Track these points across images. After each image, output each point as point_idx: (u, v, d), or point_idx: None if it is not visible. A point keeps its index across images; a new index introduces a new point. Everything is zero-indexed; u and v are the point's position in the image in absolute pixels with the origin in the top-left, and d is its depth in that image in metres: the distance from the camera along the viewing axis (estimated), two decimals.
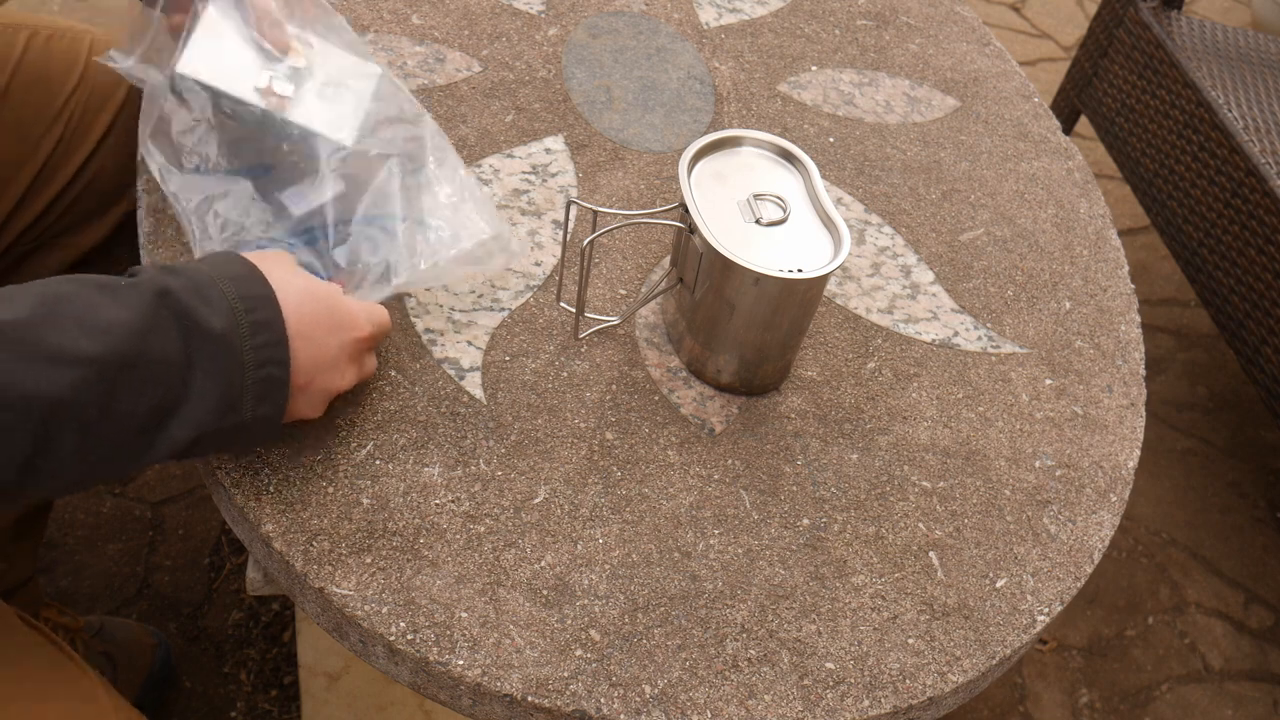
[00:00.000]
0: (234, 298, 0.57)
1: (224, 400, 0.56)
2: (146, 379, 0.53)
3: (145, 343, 0.53)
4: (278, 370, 0.58)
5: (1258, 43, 1.72)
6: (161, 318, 0.54)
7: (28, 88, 0.84)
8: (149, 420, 0.54)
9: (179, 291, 0.56)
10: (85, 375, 0.51)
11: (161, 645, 1.19)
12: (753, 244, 0.68)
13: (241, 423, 0.58)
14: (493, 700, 0.59)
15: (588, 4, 1.02)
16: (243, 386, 0.57)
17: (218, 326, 0.56)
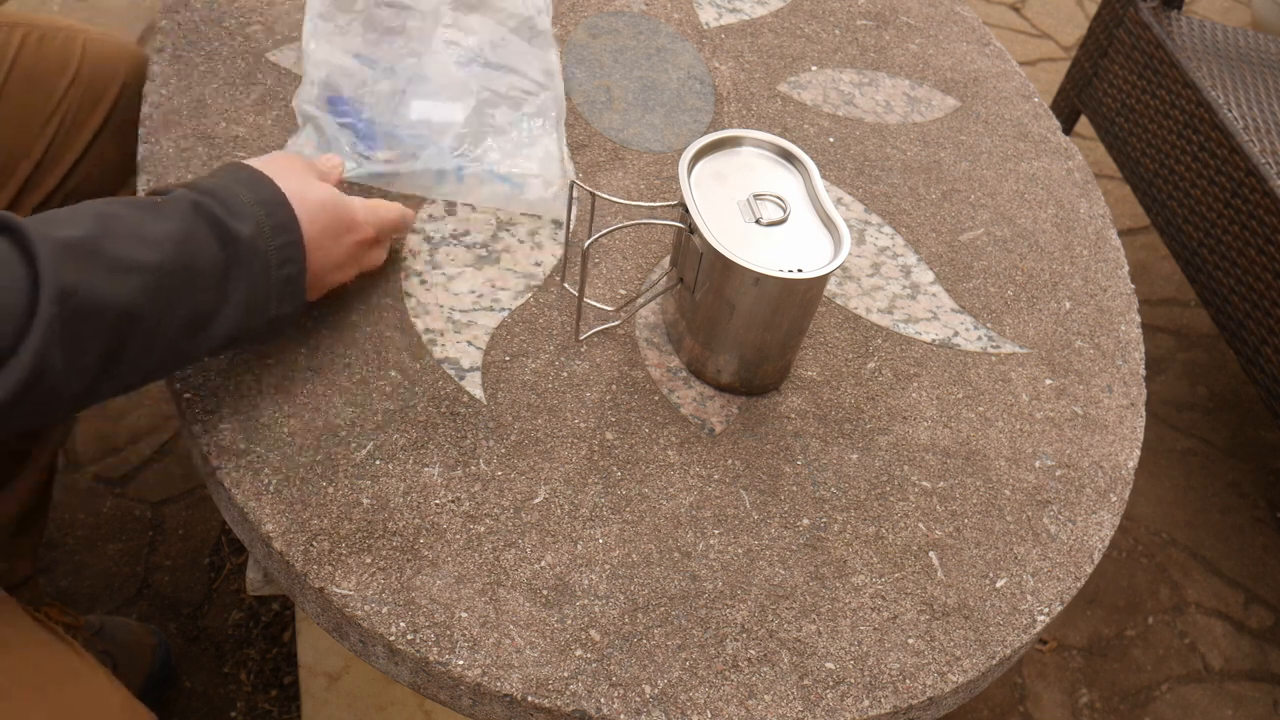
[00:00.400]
0: (253, 203, 0.62)
1: (254, 301, 0.62)
2: (194, 285, 0.58)
3: (191, 251, 0.58)
4: (295, 269, 0.64)
5: (1258, 43, 1.72)
6: (199, 228, 0.59)
7: (21, 86, 0.84)
8: (196, 322, 0.59)
9: (210, 204, 0.60)
10: (146, 282, 0.56)
11: (161, 645, 1.19)
12: (753, 244, 0.68)
13: (268, 320, 0.63)
14: (493, 700, 0.59)
15: (588, 4, 1.02)
16: (268, 288, 0.62)
17: (246, 232, 0.61)
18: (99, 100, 0.88)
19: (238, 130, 0.82)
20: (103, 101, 0.88)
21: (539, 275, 0.79)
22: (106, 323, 0.55)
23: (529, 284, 0.78)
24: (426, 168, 0.81)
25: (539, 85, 0.86)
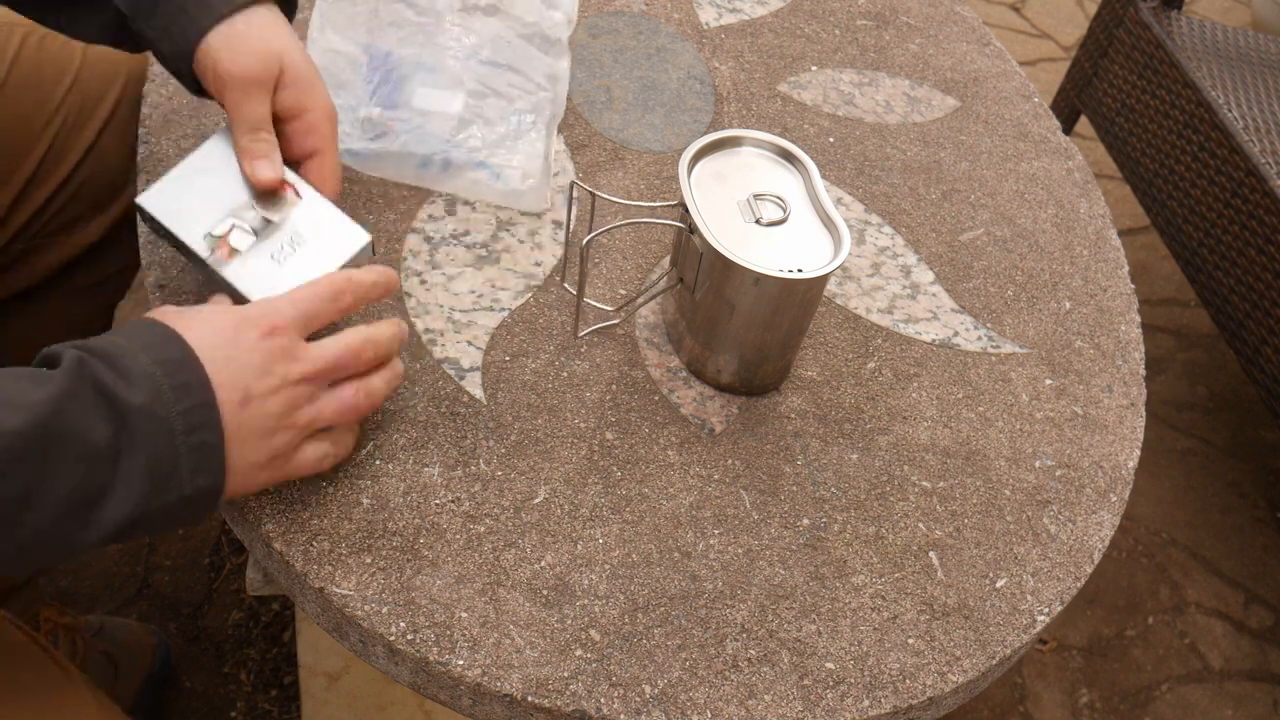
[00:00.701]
0: (151, 364, 0.53)
1: (158, 474, 0.53)
2: (72, 457, 0.50)
3: (67, 420, 0.50)
4: (209, 436, 0.54)
5: (1258, 43, 1.72)
6: (81, 393, 0.51)
7: (21, 87, 0.84)
8: (82, 502, 0.51)
9: (97, 367, 0.52)
10: (9, 446, 0.48)
11: (162, 645, 1.19)
12: (753, 244, 0.68)
13: (183, 497, 0.54)
14: (493, 700, 0.59)
15: (588, 4, 1.02)
16: (175, 459, 0.53)
17: (138, 400, 0.52)
18: (100, 101, 0.88)
19: None
20: (104, 103, 0.88)
21: (539, 275, 0.79)
22: None
23: (529, 284, 0.78)
24: (410, 150, 0.81)
25: (538, 87, 0.87)
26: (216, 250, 0.65)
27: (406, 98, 0.83)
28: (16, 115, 0.84)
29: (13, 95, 0.84)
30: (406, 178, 0.82)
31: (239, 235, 0.66)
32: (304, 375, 0.58)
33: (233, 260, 0.65)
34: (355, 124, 0.82)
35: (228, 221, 0.66)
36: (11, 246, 0.87)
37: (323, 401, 0.60)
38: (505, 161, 0.82)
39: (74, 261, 0.91)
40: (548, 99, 0.87)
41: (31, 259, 0.89)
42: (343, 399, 0.61)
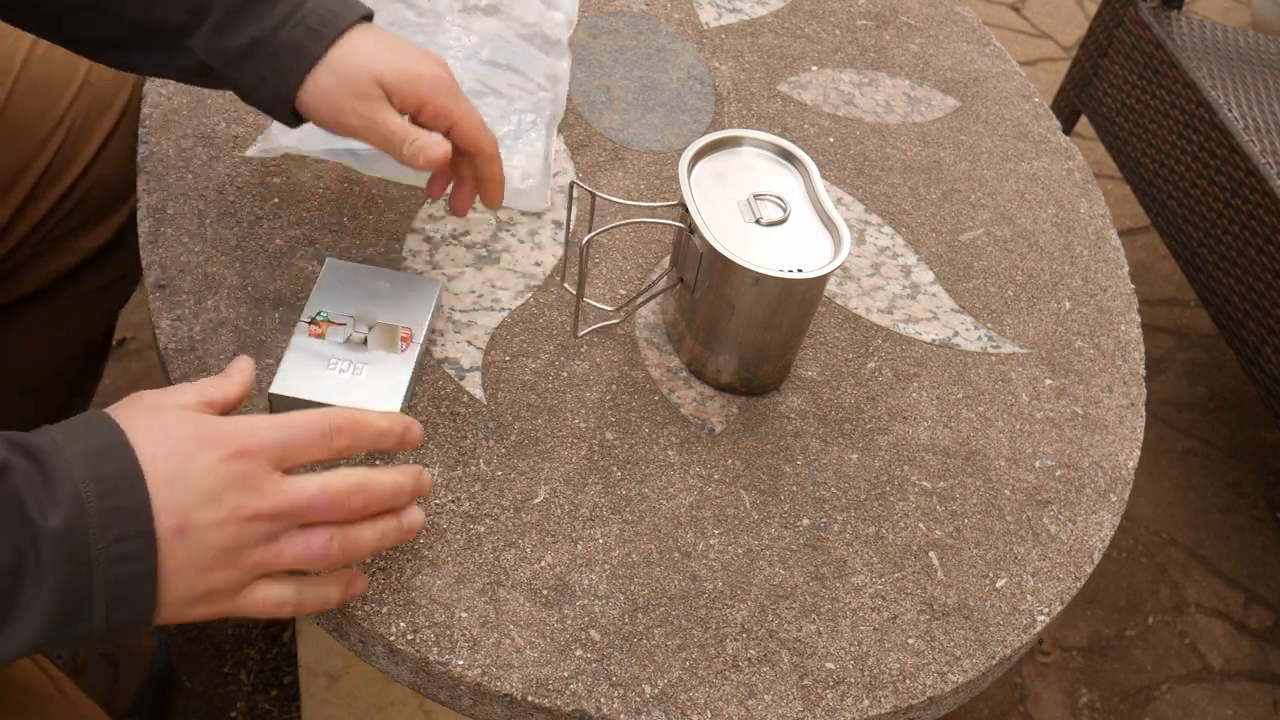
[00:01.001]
0: (85, 481, 0.47)
1: (62, 610, 0.46)
2: None
3: None
4: (139, 568, 0.48)
5: (1258, 43, 1.72)
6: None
7: (29, 95, 0.84)
8: None
9: (18, 478, 0.46)
10: None
11: (162, 647, 1.19)
12: (753, 244, 0.68)
13: (92, 630, 0.48)
14: (493, 700, 0.59)
15: (588, 4, 1.02)
16: (91, 591, 0.47)
17: (55, 523, 0.46)
18: (107, 107, 0.88)
19: (237, 130, 0.82)
20: (110, 109, 0.88)
21: (539, 275, 0.79)
22: None
23: (529, 284, 0.78)
24: None
25: (539, 87, 0.87)
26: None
27: None
28: (24, 121, 0.84)
29: (20, 101, 0.84)
30: (408, 177, 0.82)
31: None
32: (259, 512, 0.51)
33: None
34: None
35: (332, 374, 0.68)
36: (18, 251, 0.87)
37: (283, 543, 0.52)
38: (505, 161, 0.82)
39: (79, 266, 0.91)
40: (548, 99, 0.87)
41: (37, 264, 0.89)
42: (310, 545, 0.52)
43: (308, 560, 0.53)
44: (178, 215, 0.76)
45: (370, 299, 0.71)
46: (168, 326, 0.70)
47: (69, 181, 0.87)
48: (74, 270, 0.91)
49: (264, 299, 0.72)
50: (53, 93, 0.85)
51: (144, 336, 1.53)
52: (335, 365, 0.67)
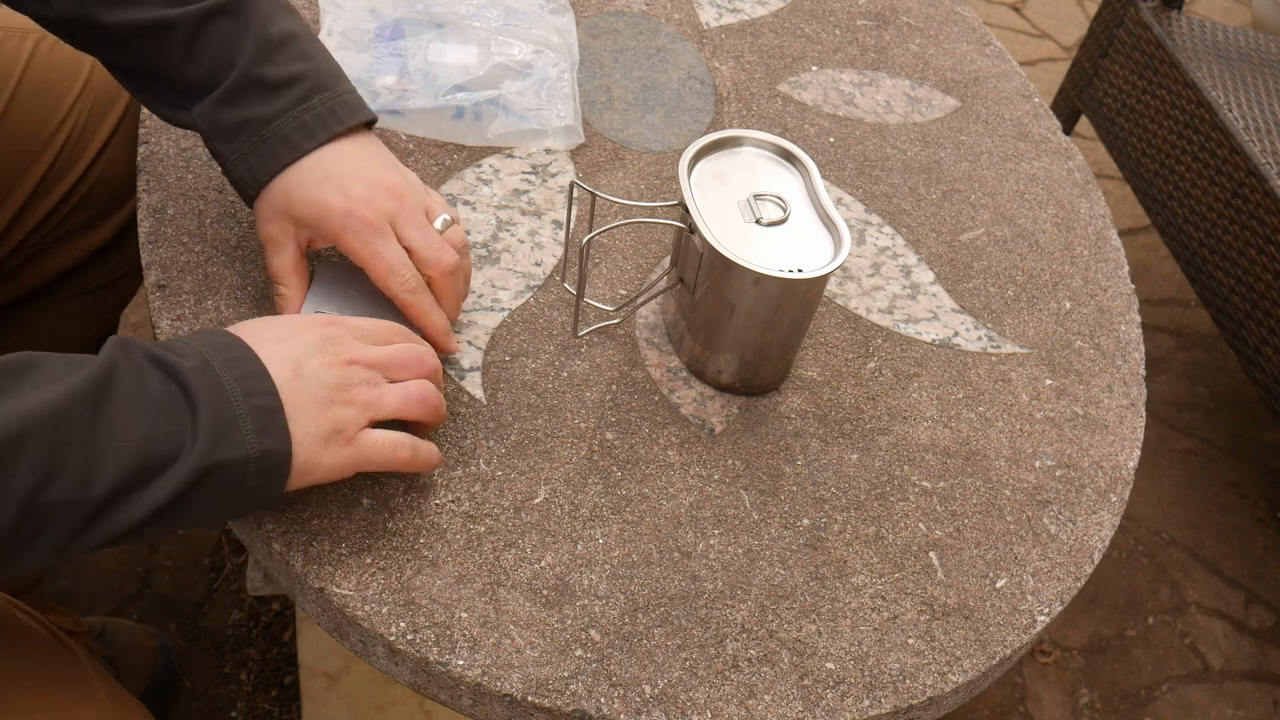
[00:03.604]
0: (197, 344, 0.56)
1: (217, 427, 0.53)
2: (134, 407, 0.51)
3: (121, 378, 0.51)
4: (267, 401, 0.55)
5: (1258, 43, 1.72)
6: (133, 359, 0.53)
7: (33, 94, 0.84)
8: (149, 453, 0.51)
9: (139, 343, 0.54)
10: (71, 388, 0.50)
11: (163, 648, 1.19)
12: (753, 244, 0.68)
13: (248, 457, 0.54)
14: (493, 700, 0.59)
15: (588, 4, 1.02)
16: (234, 417, 0.53)
17: (189, 363, 0.53)
18: (110, 107, 0.88)
19: None
20: (114, 109, 0.88)
21: (539, 275, 0.79)
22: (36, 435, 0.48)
23: (529, 284, 0.78)
24: (440, 104, 0.84)
25: (553, 41, 0.91)
26: None
27: (421, 59, 0.86)
28: (28, 120, 0.84)
29: (25, 101, 0.84)
30: (443, 133, 0.85)
31: None
32: (355, 358, 0.60)
33: None
34: (373, 91, 0.85)
35: None
36: (20, 250, 0.88)
37: (384, 390, 0.61)
38: (537, 104, 0.86)
39: (83, 264, 0.91)
40: (565, 49, 0.91)
41: (41, 262, 0.90)
42: (407, 390, 0.61)
43: (407, 401, 0.61)
44: (178, 215, 0.76)
45: (367, 299, 0.71)
46: (168, 327, 0.70)
47: (71, 181, 0.87)
48: (76, 269, 0.91)
49: (264, 299, 0.72)
50: (56, 93, 0.85)
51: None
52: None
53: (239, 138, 0.66)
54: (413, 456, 0.62)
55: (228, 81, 0.66)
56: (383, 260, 0.67)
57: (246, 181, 0.67)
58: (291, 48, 0.68)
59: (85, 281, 0.94)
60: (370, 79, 0.85)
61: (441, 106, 0.85)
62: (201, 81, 0.66)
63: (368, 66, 0.86)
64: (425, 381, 0.63)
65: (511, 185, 0.85)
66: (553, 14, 0.95)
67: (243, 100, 0.66)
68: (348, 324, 0.62)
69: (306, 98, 0.67)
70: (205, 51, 0.66)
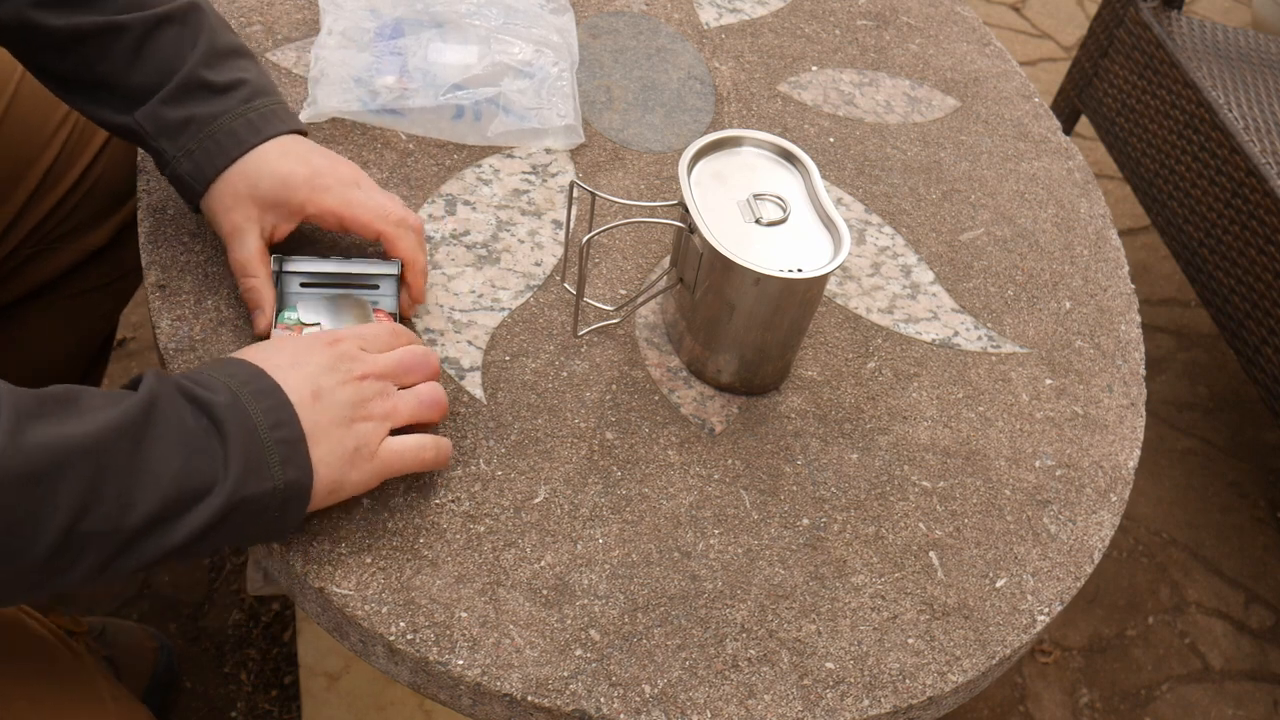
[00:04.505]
0: (225, 377, 0.57)
1: (248, 463, 0.54)
2: (172, 440, 0.53)
3: (161, 411, 0.53)
4: (290, 432, 0.56)
5: (1258, 43, 1.72)
6: (170, 395, 0.54)
7: (33, 94, 0.85)
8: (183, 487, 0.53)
9: (174, 379, 0.56)
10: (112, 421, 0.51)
11: (164, 649, 1.19)
12: (753, 244, 0.68)
13: (274, 489, 0.56)
14: (493, 700, 0.59)
15: (588, 4, 1.02)
16: (263, 451, 0.55)
17: (221, 399, 0.55)
18: None
19: None
20: None
21: (539, 275, 0.79)
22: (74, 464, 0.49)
23: (529, 284, 0.78)
24: (440, 103, 0.85)
25: (553, 41, 0.92)
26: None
27: (421, 58, 0.87)
28: (29, 121, 0.85)
29: (25, 101, 0.84)
30: (443, 133, 0.85)
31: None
32: (367, 372, 0.61)
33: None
34: (374, 91, 0.85)
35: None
36: (20, 250, 0.88)
37: (397, 399, 0.62)
38: (537, 103, 0.87)
39: (83, 264, 0.91)
40: (565, 46, 0.91)
41: (42, 262, 0.90)
42: (419, 395, 0.63)
43: (425, 407, 0.64)
44: (178, 215, 0.76)
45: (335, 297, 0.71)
46: (168, 326, 0.70)
47: (71, 181, 0.87)
48: (76, 269, 0.92)
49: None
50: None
51: (144, 336, 1.53)
52: None
53: (184, 135, 0.67)
54: (436, 456, 0.63)
55: (173, 82, 0.67)
56: (361, 205, 0.69)
57: (193, 177, 0.68)
58: (235, 59, 0.70)
59: (85, 281, 0.94)
60: (370, 78, 0.85)
61: (441, 106, 0.85)
62: (147, 86, 0.67)
63: (368, 66, 0.86)
64: (434, 384, 0.65)
65: (511, 185, 0.85)
66: (553, 13, 0.95)
67: (188, 100, 0.67)
68: (350, 335, 0.63)
69: (250, 99, 0.69)
70: (153, 56, 0.67)
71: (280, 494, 0.56)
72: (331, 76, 0.85)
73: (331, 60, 0.86)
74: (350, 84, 0.85)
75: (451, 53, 0.88)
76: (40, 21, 0.66)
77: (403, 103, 0.85)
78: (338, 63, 0.86)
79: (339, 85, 0.85)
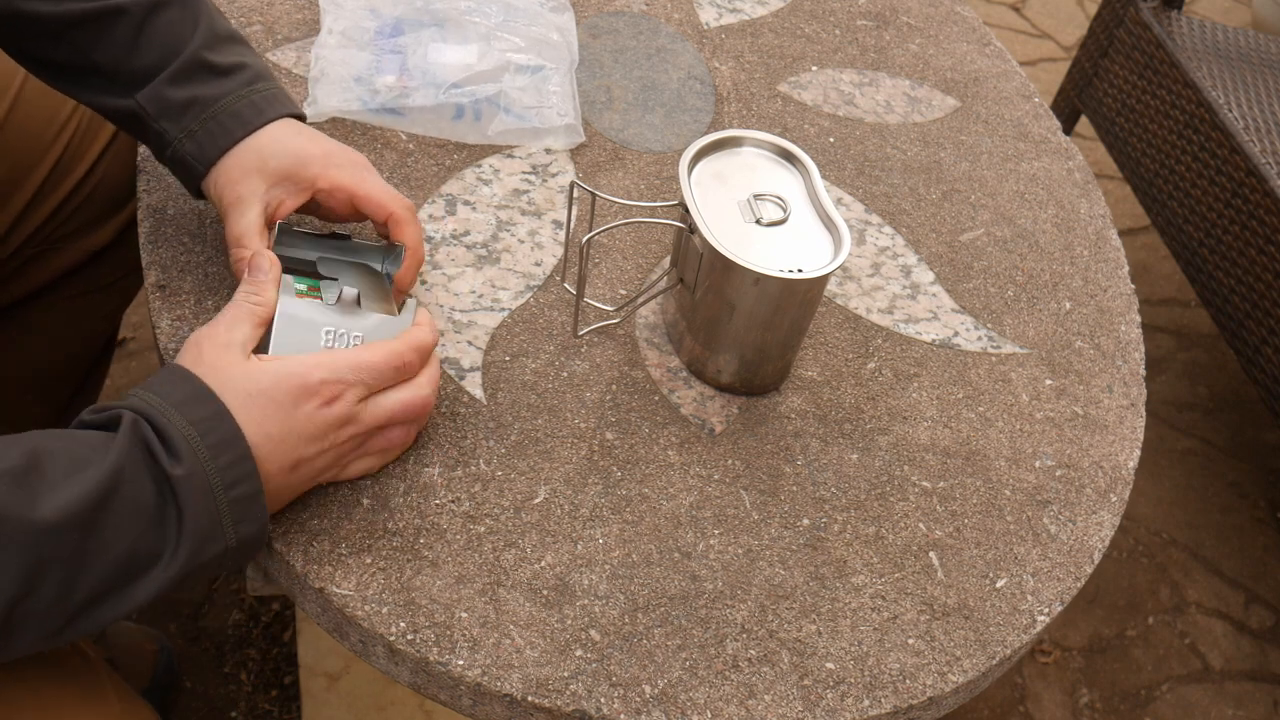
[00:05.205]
0: (186, 426, 0.55)
1: (201, 534, 0.55)
2: (125, 518, 0.52)
3: (118, 493, 0.52)
4: (249, 488, 0.56)
5: (1258, 43, 1.72)
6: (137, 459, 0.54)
7: (36, 95, 0.85)
8: (132, 559, 0.53)
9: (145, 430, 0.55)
10: (69, 507, 0.50)
11: (164, 650, 1.19)
12: (753, 244, 0.68)
13: (227, 549, 0.56)
14: (493, 700, 0.59)
15: (588, 4, 1.02)
16: (219, 514, 0.55)
17: (181, 471, 0.54)
18: None
19: None
20: None
21: (539, 275, 0.79)
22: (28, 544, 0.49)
23: (529, 284, 0.78)
24: (440, 102, 0.85)
25: (553, 40, 0.92)
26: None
27: (421, 57, 0.87)
28: (31, 122, 0.85)
29: (28, 102, 0.84)
30: (443, 132, 0.86)
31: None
32: (355, 434, 0.61)
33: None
34: (374, 90, 0.85)
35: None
36: (24, 250, 0.88)
37: (369, 444, 0.64)
38: (537, 102, 0.87)
39: (84, 264, 0.92)
40: (565, 47, 0.92)
41: (43, 262, 0.90)
42: (391, 440, 0.64)
43: (394, 451, 0.65)
44: (178, 215, 0.76)
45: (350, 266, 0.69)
46: (168, 326, 0.70)
47: (73, 182, 0.87)
48: (77, 269, 0.92)
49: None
50: (59, 95, 0.85)
51: (144, 336, 1.53)
52: (329, 335, 0.64)
53: (187, 116, 0.67)
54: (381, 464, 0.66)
55: (176, 63, 0.67)
56: (374, 185, 0.69)
57: (195, 158, 0.67)
58: (234, 44, 0.70)
59: (87, 282, 0.94)
60: (371, 77, 0.85)
61: (441, 105, 0.85)
62: (148, 68, 0.67)
63: (368, 65, 0.86)
64: (411, 428, 0.65)
65: (511, 185, 0.85)
66: (553, 12, 0.95)
67: (190, 81, 0.67)
68: (354, 386, 0.60)
69: (252, 82, 0.69)
70: (154, 39, 0.67)
71: (233, 552, 0.57)
72: (331, 76, 0.85)
73: (331, 60, 0.86)
74: (350, 83, 0.85)
75: (452, 51, 0.88)
76: (30, 10, 0.66)
77: (403, 101, 0.85)
78: (338, 62, 0.86)
79: (339, 84, 0.85)
